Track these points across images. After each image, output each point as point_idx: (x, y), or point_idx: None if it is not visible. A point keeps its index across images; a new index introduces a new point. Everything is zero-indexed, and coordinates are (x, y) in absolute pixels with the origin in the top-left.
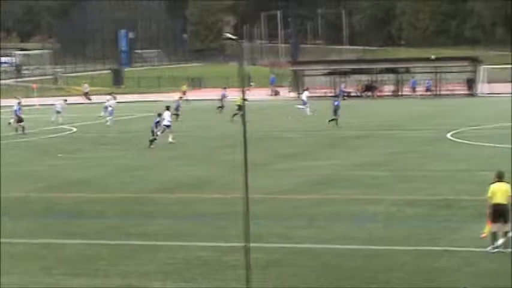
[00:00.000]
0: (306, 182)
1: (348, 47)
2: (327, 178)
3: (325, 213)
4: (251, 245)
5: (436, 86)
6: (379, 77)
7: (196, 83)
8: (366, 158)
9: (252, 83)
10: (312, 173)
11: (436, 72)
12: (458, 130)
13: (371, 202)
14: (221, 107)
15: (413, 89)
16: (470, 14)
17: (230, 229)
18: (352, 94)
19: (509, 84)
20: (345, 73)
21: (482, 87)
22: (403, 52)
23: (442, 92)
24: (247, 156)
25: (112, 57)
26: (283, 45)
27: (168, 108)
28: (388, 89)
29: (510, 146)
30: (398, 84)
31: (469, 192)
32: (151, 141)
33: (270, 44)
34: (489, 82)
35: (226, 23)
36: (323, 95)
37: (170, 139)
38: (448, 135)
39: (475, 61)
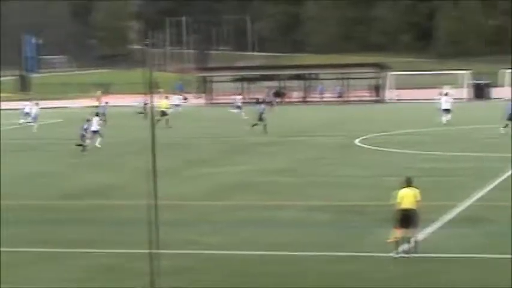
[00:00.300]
0: (214, 188)
1: (255, 53)
2: (236, 184)
3: (234, 220)
4: (159, 251)
5: (344, 93)
6: (288, 83)
7: (105, 88)
8: (275, 164)
9: (160, 89)
10: (221, 180)
11: (344, 78)
12: (366, 136)
13: (280, 208)
14: (142, 113)
15: (321, 96)
16: (377, 20)
17: (137, 236)
18: (260, 100)
19: (415, 90)
20: (253, 79)
21: (389, 94)
22: (309, 58)
23: (350, 99)
24: (155, 162)
25: (18, 63)
26: (190, 51)
27: (97, 114)
28: (296, 95)
29: (417, 151)
30: (306, 90)
31: (377, 198)
32: (83, 146)
33: (177, 50)
34: (396, 88)
35: (131, 28)
36: (231, 101)
37: (97, 144)
38: (356, 142)
39: (382, 67)
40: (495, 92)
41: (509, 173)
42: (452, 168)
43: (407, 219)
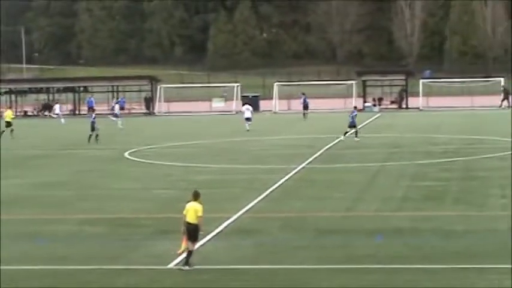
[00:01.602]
0: None
1: (26, 65)
2: (8, 198)
3: (7, 234)
4: None
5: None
6: (57, 96)
7: None
8: (46, 177)
9: None
10: None
11: (114, 91)
12: (136, 149)
13: (52, 222)
14: None
15: (90, 108)
16: (150, 33)
17: None
18: (29, 113)
19: (186, 102)
20: (23, 92)
21: (160, 106)
22: (82, 71)
23: (123, 111)
24: None
25: None
26: None
27: None
28: (65, 108)
29: (188, 164)
30: (75, 103)
31: (147, 210)
32: None
33: None
34: (168, 101)
35: None
36: None
37: None
38: (126, 154)
39: (153, 80)
40: (263, 104)
41: (278, 184)
42: (224, 180)
43: (189, 232)
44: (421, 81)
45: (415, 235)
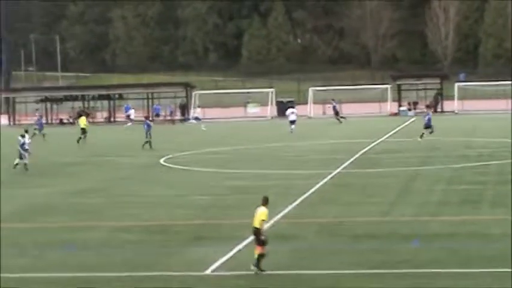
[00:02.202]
0: (20, 210)
1: (61, 73)
2: (40, 206)
3: (40, 242)
4: None
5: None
6: (92, 103)
7: None
8: (80, 185)
9: None
10: (27, 201)
11: (149, 98)
12: (171, 156)
13: (87, 229)
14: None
15: (128, 116)
16: (183, 40)
17: None
18: (65, 121)
19: (221, 108)
20: (58, 100)
21: (195, 112)
22: (116, 78)
23: (156, 118)
24: None
25: None
26: None
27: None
28: (101, 115)
29: (222, 170)
30: (111, 110)
31: (183, 217)
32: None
33: None
34: (203, 107)
35: None
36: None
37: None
38: (161, 161)
39: (187, 86)
40: (298, 110)
41: (314, 189)
42: (259, 185)
43: (255, 236)
44: (456, 84)
45: (451, 239)
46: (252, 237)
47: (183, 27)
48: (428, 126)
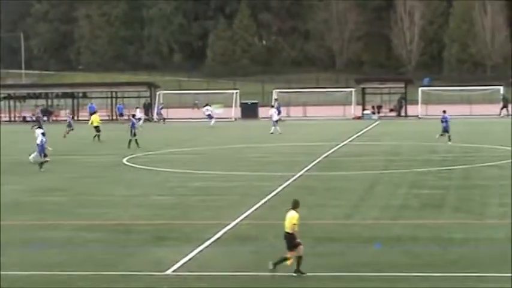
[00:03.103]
0: None
1: (25, 71)
2: (4, 204)
3: (3, 240)
4: None
5: (111, 111)
6: (56, 101)
7: None
8: (44, 183)
9: None
10: None
11: (113, 97)
12: (134, 155)
13: (49, 228)
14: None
15: (93, 113)
16: (148, 40)
17: None
18: (28, 119)
19: (183, 109)
20: (21, 97)
21: (157, 112)
22: (80, 77)
23: (120, 118)
24: None
25: None
26: None
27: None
28: (64, 113)
29: (186, 170)
30: (74, 109)
31: (145, 217)
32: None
33: None
34: (167, 108)
35: None
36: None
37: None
38: (124, 160)
39: (151, 86)
40: (262, 112)
41: (277, 191)
42: (222, 186)
43: (286, 241)
44: (420, 89)
45: (414, 243)
46: (215, 238)
47: (148, 27)
48: (446, 130)
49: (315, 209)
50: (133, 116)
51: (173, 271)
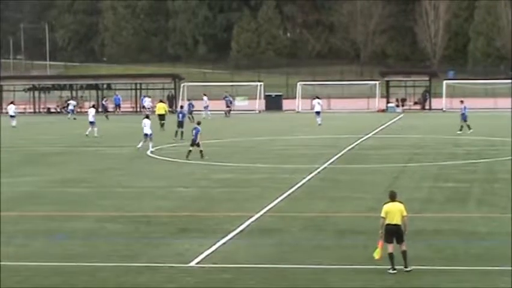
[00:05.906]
0: (5, 199)
1: (50, 62)
2: (26, 195)
3: (25, 230)
4: None
5: (136, 103)
6: (80, 93)
7: None
8: (66, 174)
9: None
10: (12, 190)
11: (137, 89)
12: (158, 147)
13: (72, 219)
14: None
15: (117, 106)
16: (173, 32)
17: None
18: (52, 110)
19: (211, 101)
20: (46, 89)
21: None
22: (105, 68)
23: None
24: None
25: None
26: None
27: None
28: (88, 105)
29: (209, 162)
30: (98, 100)
31: (169, 209)
32: None
33: None
34: (193, 99)
35: None
36: (23, 111)
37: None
38: (148, 152)
39: (175, 78)
40: (286, 104)
41: (301, 183)
42: (246, 179)
43: (392, 234)
44: (444, 82)
45: (437, 237)
46: (238, 230)
47: (173, 19)
48: (464, 119)
49: (338, 201)
50: (182, 107)
51: (197, 263)
